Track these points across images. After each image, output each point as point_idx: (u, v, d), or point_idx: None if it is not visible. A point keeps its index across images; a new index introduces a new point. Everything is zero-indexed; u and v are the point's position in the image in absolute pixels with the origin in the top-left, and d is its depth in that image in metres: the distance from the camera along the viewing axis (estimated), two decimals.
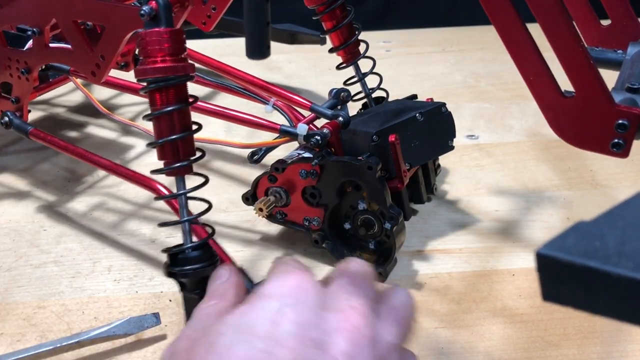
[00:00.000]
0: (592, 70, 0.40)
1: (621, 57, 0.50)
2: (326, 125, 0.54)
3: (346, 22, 0.60)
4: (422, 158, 0.58)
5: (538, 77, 0.43)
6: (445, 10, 1.40)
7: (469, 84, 0.95)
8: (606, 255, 0.21)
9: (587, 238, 0.22)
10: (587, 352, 0.48)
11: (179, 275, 0.43)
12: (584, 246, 0.21)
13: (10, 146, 0.77)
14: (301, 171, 0.54)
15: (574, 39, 0.40)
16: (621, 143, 0.41)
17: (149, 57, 0.41)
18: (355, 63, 0.62)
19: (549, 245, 0.22)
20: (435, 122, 0.57)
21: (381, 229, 0.53)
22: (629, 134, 0.41)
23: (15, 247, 0.60)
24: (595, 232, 0.22)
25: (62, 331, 0.50)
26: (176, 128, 0.42)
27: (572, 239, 0.22)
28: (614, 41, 0.52)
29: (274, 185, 0.56)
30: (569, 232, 0.22)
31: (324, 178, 0.53)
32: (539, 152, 0.76)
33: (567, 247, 0.21)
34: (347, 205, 0.54)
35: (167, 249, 0.44)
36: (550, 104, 0.43)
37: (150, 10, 0.41)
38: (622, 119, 0.40)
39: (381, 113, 0.58)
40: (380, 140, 0.52)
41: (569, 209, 0.65)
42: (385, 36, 1.14)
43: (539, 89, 0.43)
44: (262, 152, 0.56)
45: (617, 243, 0.21)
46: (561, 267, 0.21)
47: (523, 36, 0.42)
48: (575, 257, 0.21)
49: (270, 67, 1.01)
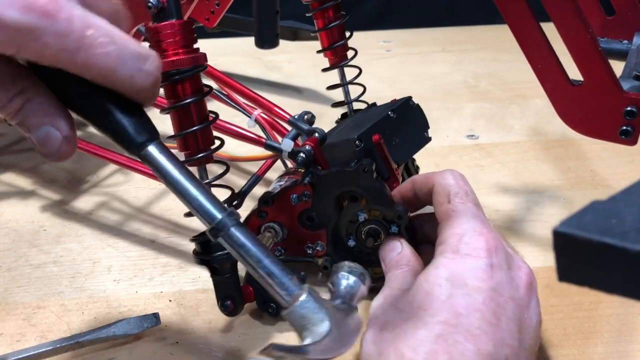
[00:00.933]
0: (600, 58, 0.41)
1: (627, 47, 0.50)
2: (307, 143, 0.51)
3: (337, 24, 0.58)
4: (407, 154, 0.56)
5: (546, 65, 0.43)
6: (445, 10, 1.40)
7: (469, 83, 0.95)
8: (624, 232, 0.20)
9: (604, 215, 0.21)
10: (588, 353, 0.48)
11: (213, 261, 0.45)
12: (601, 223, 0.21)
13: (12, 145, 0.77)
14: (292, 197, 0.51)
15: (582, 27, 0.40)
16: (630, 130, 0.41)
17: (161, 50, 0.41)
18: (341, 68, 0.60)
19: (565, 223, 0.21)
20: (408, 116, 0.55)
21: (388, 234, 0.50)
22: (638, 121, 0.41)
23: (15, 247, 0.60)
24: (612, 210, 0.22)
25: (61, 331, 0.50)
26: (195, 119, 0.43)
27: (590, 216, 0.22)
28: (618, 32, 0.53)
29: (266, 221, 0.52)
30: (586, 210, 0.22)
31: (318, 196, 0.50)
32: (539, 152, 0.76)
33: (584, 224, 0.21)
34: (347, 221, 0.51)
35: (195, 237, 0.46)
36: (558, 92, 0.43)
37: (158, 3, 0.41)
38: (631, 106, 0.41)
39: (350, 124, 0.56)
40: (364, 144, 0.49)
41: (569, 209, 0.65)
42: (385, 36, 1.14)
43: (547, 77, 0.43)
44: (241, 196, 0.53)
45: (635, 220, 0.21)
46: (578, 245, 0.21)
47: (531, 24, 0.42)
48: (593, 234, 0.21)
49: (270, 67, 1.01)
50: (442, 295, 0.37)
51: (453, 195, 0.43)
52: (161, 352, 0.48)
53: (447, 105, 0.88)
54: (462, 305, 0.36)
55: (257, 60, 1.03)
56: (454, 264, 0.38)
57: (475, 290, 0.36)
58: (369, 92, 0.61)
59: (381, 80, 0.96)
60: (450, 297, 0.36)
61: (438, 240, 0.42)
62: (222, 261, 0.45)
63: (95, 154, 0.60)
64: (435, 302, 0.36)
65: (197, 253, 0.46)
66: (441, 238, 0.41)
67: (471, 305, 0.36)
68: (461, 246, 0.39)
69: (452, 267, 0.38)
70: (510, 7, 0.42)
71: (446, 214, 0.43)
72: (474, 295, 0.36)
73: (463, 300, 0.36)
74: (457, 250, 0.39)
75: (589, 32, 0.40)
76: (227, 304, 0.47)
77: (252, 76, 0.98)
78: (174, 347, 0.49)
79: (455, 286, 0.37)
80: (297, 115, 0.54)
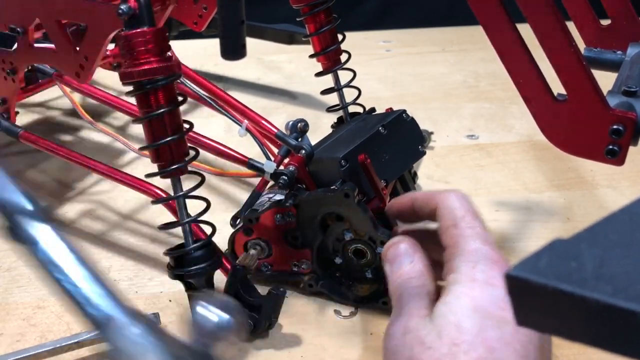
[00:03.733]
0: (585, 73, 0.38)
1: (620, 58, 0.48)
2: (291, 162, 0.51)
3: (329, 28, 0.57)
4: (397, 171, 0.55)
5: (528, 79, 0.40)
6: (445, 10, 1.40)
7: (469, 83, 0.95)
8: (583, 277, 0.19)
9: (563, 258, 0.20)
10: (588, 353, 0.48)
11: (187, 276, 0.43)
12: (560, 267, 0.19)
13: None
14: (276, 216, 0.50)
15: (565, 39, 0.38)
16: (616, 150, 0.38)
17: (133, 58, 0.40)
18: (335, 72, 0.59)
19: (520, 265, 0.20)
20: (400, 131, 0.54)
21: (374, 254, 0.50)
22: (624, 140, 0.38)
23: (14, 247, 0.60)
24: (573, 251, 0.20)
25: (61, 331, 0.50)
26: (169, 130, 0.42)
27: (547, 258, 0.20)
28: (613, 41, 0.50)
29: (252, 238, 0.52)
30: (544, 251, 0.20)
31: (302, 217, 0.50)
32: (539, 152, 0.76)
33: (540, 268, 0.19)
34: (333, 239, 0.51)
35: (169, 251, 0.44)
36: (541, 108, 0.40)
37: (129, 9, 0.40)
38: (617, 124, 0.38)
39: (343, 135, 0.56)
40: (350, 164, 0.48)
41: (569, 209, 0.65)
42: (385, 36, 1.14)
43: (529, 92, 0.40)
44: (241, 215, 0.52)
45: (596, 264, 0.19)
46: (533, 291, 0.19)
47: (511, 35, 0.39)
48: (548, 279, 0.19)
49: (271, 67, 1.01)
50: (473, 329, 0.35)
51: (460, 219, 0.41)
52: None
53: (447, 105, 0.88)
54: (494, 339, 0.34)
55: (257, 60, 1.03)
56: (474, 293, 0.36)
57: (502, 322, 0.35)
58: (369, 93, 0.60)
59: (381, 80, 0.95)
60: (482, 331, 0.35)
61: (448, 266, 0.40)
62: (197, 276, 0.44)
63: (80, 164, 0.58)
64: (467, 336, 0.35)
65: (171, 267, 0.45)
66: (452, 265, 0.39)
67: (502, 339, 0.34)
68: (477, 274, 0.37)
69: (473, 296, 0.36)
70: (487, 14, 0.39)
71: (454, 239, 0.40)
72: (503, 327, 0.35)
73: (494, 334, 0.34)
74: (474, 279, 0.37)
75: (572, 45, 0.38)
76: None
77: (252, 76, 0.98)
78: None
79: (483, 317, 0.35)
80: (291, 122, 0.54)
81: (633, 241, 0.20)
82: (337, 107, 0.61)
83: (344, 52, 0.60)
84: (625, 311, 0.18)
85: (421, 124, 0.58)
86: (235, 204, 0.65)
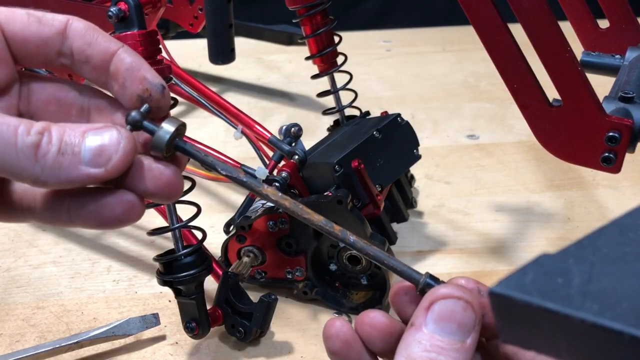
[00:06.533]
0: (580, 78, 0.37)
1: (619, 62, 0.47)
2: (284, 168, 0.50)
3: (325, 30, 0.57)
4: (392, 176, 0.54)
5: (522, 84, 0.39)
6: (445, 10, 1.39)
7: (469, 83, 0.95)
8: (569, 295, 0.18)
9: (549, 274, 0.19)
10: None
11: (176, 283, 0.43)
12: (545, 283, 0.19)
13: None
14: (269, 223, 0.50)
15: (560, 43, 0.37)
16: (612, 157, 0.38)
17: None
18: (331, 74, 0.59)
19: (505, 281, 0.19)
20: (395, 135, 0.54)
21: (369, 261, 0.49)
22: (620, 147, 0.37)
23: (14, 247, 0.60)
24: (559, 267, 0.19)
25: (61, 332, 0.50)
26: None
27: (532, 274, 0.19)
28: (612, 45, 0.49)
29: (245, 245, 0.51)
30: (529, 267, 0.19)
31: (295, 224, 0.49)
32: (540, 152, 0.75)
33: (524, 284, 0.19)
34: (327, 246, 0.50)
35: (159, 257, 0.44)
36: (535, 113, 0.40)
37: (119, 12, 0.39)
38: (613, 131, 0.37)
39: (337, 139, 0.55)
40: (344, 169, 0.48)
41: (570, 209, 0.65)
42: (385, 36, 1.14)
43: (524, 97, 0.39)
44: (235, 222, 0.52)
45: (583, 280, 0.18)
46: (518, 308, 0.18)
47: (505, 39, 0.38)
48: (532, 297, 0.18)
49: (271, 67, 1.01)
50: None
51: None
52: (161, 352, 0.48)
53: (448, 105, 0.88)
54: None
55: (257, 60, 1.03)
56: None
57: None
58: (369, 92, 0.60)
59: (381, 80, 0.95)
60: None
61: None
62: (187, 282, 0.43)
63: None
64: None
65: (160, 273, 0.44)
66: None
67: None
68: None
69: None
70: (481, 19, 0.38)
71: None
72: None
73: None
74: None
75: (567, 50, 0.37)
76: (191, 326, 0.45)
77: (252, 76, 0.98)
78: (174, 347, 0.49)
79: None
80: (285, 127, 0.53)
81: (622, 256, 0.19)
82: (333, 109, 0.60)
83: (341, 55, 0.59)
84: (611, 331, 0.17)
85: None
86: (231, 208, 0.65)
